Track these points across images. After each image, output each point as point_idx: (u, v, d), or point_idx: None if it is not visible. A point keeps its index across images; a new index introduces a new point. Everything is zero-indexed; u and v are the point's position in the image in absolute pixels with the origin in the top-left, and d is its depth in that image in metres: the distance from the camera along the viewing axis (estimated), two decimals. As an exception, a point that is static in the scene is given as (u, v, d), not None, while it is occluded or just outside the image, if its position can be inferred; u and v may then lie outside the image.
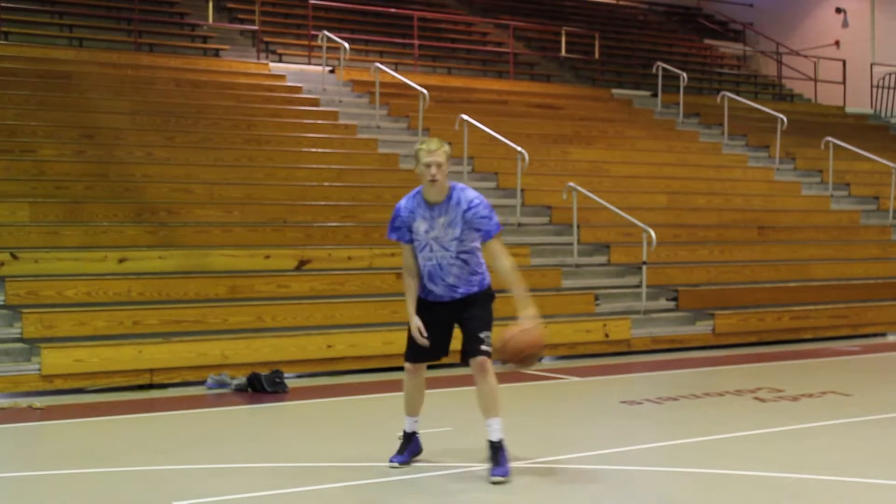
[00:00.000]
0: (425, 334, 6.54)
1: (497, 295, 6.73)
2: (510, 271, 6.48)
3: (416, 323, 6.57)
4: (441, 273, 6.54)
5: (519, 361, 6.52)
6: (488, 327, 6.57)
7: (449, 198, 6.50)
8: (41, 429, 8.41)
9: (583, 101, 20.22)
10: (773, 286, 14.41)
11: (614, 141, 17.95)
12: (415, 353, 6.68)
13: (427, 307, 6.64)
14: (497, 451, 6.52)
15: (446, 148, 6.49)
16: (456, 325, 6.70)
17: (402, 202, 6.62)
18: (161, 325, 10.31)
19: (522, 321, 6.41)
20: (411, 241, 6.59)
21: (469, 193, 6.54)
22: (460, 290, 6.58)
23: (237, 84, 16.46)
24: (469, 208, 6.46)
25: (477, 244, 6.57)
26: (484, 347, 6.51)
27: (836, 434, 8.11)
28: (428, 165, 6.44)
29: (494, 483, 6.38)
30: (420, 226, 6.52)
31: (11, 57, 15.45)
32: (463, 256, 6.54)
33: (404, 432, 6.84)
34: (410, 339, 6.65)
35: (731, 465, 6.91)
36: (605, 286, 13.47)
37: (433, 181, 6.43)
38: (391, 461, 6.74)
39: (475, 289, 6.60)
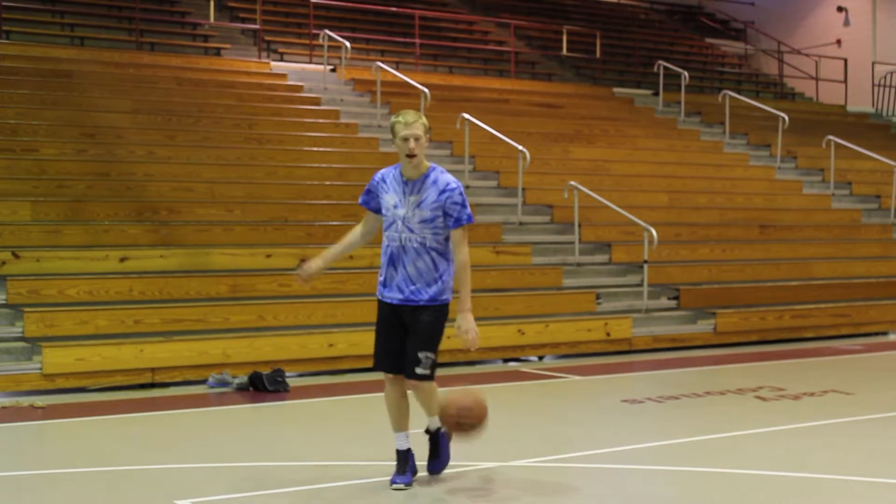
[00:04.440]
0: (307, 273, 6.33)
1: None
2: (463, 265, 6.14)
3: (313, 264, 6.36)
4: (403, 257, 6.13)
5: (459, 429, 6.23)
6: (430, 346, 6.14)
7: (426, 176, 6.16)
8: (42, 428, 8.41)
9: (584, 99, 20.21)
10: (775, 285, 14.40)
11: (615, 140, 17.94)
12: (383, 358, 6.31)
13: (383, 308, 6.27)
14: (436, 441, 6.41)
15: (424, 120, 6.14)
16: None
17: (382, 170, 6.33)
18: (162, 324, 10.31)
19: (457, 332, 6.16)
20: (377, 212, 6.30)
21: (447, 177, 6.19)
22: (416, 293, 6.12)
23: (238, 83, 16.46)
24: (444, 191, 6.10)
25: (450, 246, 6.18)
26: (419, 371, 6.13)
27: (838, 433, 8.11)
28: (406, 139, 6.07)
29: (431, 475, 6.42)
30: (390, 199, 6.18)
31: (13, 56, 15.45)
32: (432, 253, 6.14)
33: (397, 451, 6.36)
34: (376, 341, 6.32)
35: (732, 464, 6.91)
36: (607, 285, 13.46)
37: (411, 156, 6.08)
38: (392, 483, 6.26)
39: (430, 296, 6.13)
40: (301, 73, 17.66)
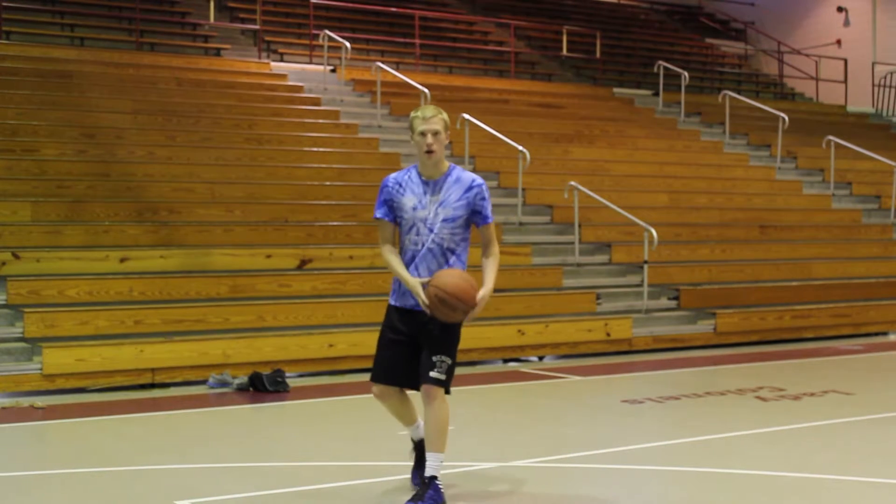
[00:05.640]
0: (425, 284, 5.74)
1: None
2: (495, 259, 5.90)
3: (416, 281, 5.77)
4: (420, 260, 5.83)
5: (441, 305, 5.64)
6: (448, 351, 5.78)
7: (447, 175, 5.88)
8: (43, 428, 8.41)
9: (584, 100, 20.22)
10: (775, 285, 14.40)
11: (615, 140, 17.95)
12: (384, 371, 5.93)
13: (396, 317, 5.95)
14: (425, 487, 5.75)
15: (444, 115, 5.87)
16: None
17: (393, 175, 5.97)
18: (162, 324, 10.31)
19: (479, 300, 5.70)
20: (395, 222, 5.91)
21: (470, 174, 5.93)
22: None
23: (238, 83, 16.46)
24: (472, 187, 5.85)
25: (465, 247, 5.90)
26: (434, 374, 5.72)
27: (838, 433, 8.11)
28: (423, 134, 5.79)
29: None
30: (408, 201, 5.84)
31: (13, 56, 15.45)
32: (449, 256, 5.84)
33: (412, 440, 6.25)
34: (378, 354, 5.99)
35: (732, 465, 6.91)
36: (607, 285, 13.46)
37: (430, 153, 5.79)
38: (413, 483, 6.11)
39: None
40: (301, 73, 17.66)
